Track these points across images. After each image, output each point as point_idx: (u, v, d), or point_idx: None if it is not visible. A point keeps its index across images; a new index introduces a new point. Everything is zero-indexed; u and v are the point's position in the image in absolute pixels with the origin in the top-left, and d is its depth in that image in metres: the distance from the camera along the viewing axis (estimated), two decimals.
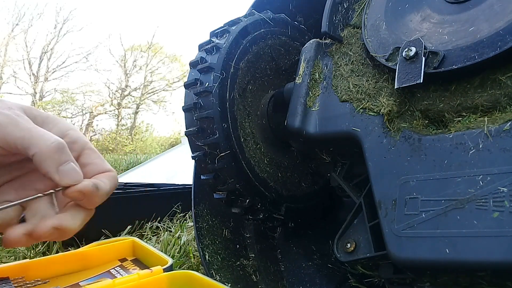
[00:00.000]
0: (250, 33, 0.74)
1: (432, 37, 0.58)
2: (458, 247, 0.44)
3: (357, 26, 0.73)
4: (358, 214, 0.63)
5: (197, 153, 0.69)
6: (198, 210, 0.87)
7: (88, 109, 14.53)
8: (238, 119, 0.71)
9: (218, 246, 0.84)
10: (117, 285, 0.59)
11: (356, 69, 0.67)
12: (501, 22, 0.51)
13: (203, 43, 0.74)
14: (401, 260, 0.49)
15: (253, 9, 0.83)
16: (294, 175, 0.79)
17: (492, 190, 0.44)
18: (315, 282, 0.81)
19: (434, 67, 0.54)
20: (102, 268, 0.77)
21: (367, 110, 0.61)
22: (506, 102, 0.50)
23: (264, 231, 0.91)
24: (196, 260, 1.01)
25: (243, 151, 0.70)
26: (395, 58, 0.59)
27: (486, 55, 0.50)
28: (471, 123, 0.51)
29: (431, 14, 0.60)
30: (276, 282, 0.83)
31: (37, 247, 1.15)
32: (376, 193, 0.55)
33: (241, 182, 0.68)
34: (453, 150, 0.50)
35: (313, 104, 0.68)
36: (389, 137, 0.57)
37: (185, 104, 0.71)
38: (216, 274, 0.77)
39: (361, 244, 0.60)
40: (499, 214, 0.43)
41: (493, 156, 0.46)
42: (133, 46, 15.04)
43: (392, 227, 0.51)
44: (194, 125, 0.69)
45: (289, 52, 0.82)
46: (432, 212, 0.48)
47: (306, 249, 0.88)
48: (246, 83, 0.74)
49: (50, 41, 14.00)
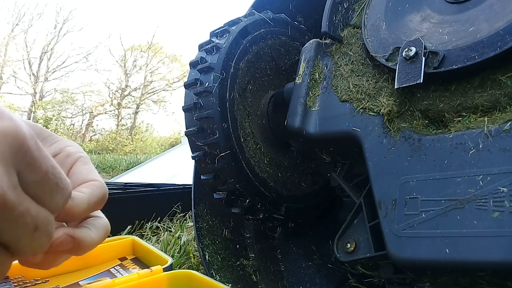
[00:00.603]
0: (250, 33, 0.74)
1: (432, 37, 0.58)
2: (458, 247, 0.44)
3: (357, 26, 0.73)
4: (358, 214, 0.63)
5: (197, 153, 0.69)
6: (198, 210, 0.87)
7: (88, 109, 14.55)
8: (238, 119, 0.71)
9: (218, 246, 0.84)
10: (117, 284, 0.59)
11: (356, 69, 0.67)
12: (501, 22, 0.51)
13: (203, 43, 0.74)
14: (401, 260, 0.49)
15: (253, 9, 0.83)
16: (294, 175, 0.79)
17: (492, 190, 0.44)
18: (315, 282, 0.81)
19: (434, 67, 0.54)
20: (102, 267, 0.77)
21: (367, 110, 0.61)
22: (506, 102, 0.50)
23: (264, 231, 0.91)
24: (196, 260, 1.01)
25: (243, 151, 0.70)
26: (395, 58, 0.59)
27: (486, 55, 0.50)
28: (471, 123, 0.51)
29: (431, 14, 0.60)
30: (276, 282, 0.83)
31: None
32: (376, 193, 0.55)
33: (241, 182, 0.68)
34: (453, 150, 0.50)
35: (313, 104, 0.68)
36: (389, 137, 0.57)
37: (185, 104, 0.71)
38: (216, 274, 0.77)
39: (361, 244, 0.60)
40: (499, 214, 0.43)
41: (493, 156, 0.46)
42: (133, 46, 15.05)
43: (392, 227, 0.51)
44: (194, 125, 0.69)
45: (289, 52, 0.82)
46: (432, 212, 0.48)
47: (306, 249, 0.88)
48: (246, 83, 0.74)
49: (50, 41, 14.01)
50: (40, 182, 0.23)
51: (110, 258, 0.81)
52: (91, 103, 14.77)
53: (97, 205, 0.30)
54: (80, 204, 0.28)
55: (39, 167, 0.23)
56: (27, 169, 0.22)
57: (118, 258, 0.82)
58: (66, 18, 14.30)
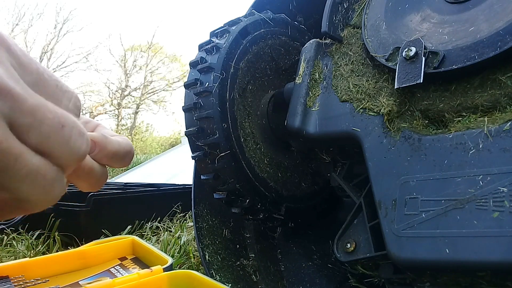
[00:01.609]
0: (250, 33, 0.74)
1: (432, 37, 0.58)
2: (458, 247, 0.44)
3: (357, 26, 0.73)
4: (358, 214, 0.63)
5: (197, 153, 0.69)
6: (198, 210, 0.87)
7: (88, 109, 14.54)
8: (238, 119, 0.71)
9: (218, 246, 0.84)
10: (117, 284, 0.59)
11: (356, 69, 0.67)
12: (501, 22, 0.51)
13: (203, 43, 0.74)
14: (401, 260, 0.49)
15: (253, 9, 0.83)
16: (294, 175, 0.79)
17: (492, 190, 0.44)
18: (315, 282, 0.81)
19: (434, 67, 0.54)
20: (102, 267, 0.77)
21: (367, 110, 0.61)
22: (506, 102, 0.50)
23: (264, 231, 0.91)
24: (196, 260, 1.01)
25: (243, 151, 0.70)
26: (395, 58, 0.59)
27: (486, 55, 0.50)
28: (471, 123, 0.51)
29: (431, 14, 0.60)
30: (276, 282, 0.83)
31: (37, 247, 1.15)
32: (376, 193, 0.55)
33: (241, 182, 0.68)
34: (453, 150, 0.50)
35: (313, 104, 0.68)
36: (389, 137, 0.57)
37: (185, 104, 0.71)
38: (216, 274, 0.77)
39: (361, 244, 0.60)
40: (499, 214, 0.43)
41: (493, 156, 0.46)
42: (133, 46, 15.04)
43: (392, 227, 0.51)
44: (194, 125, 0.69)
45: (289, 52, 0.82)
46: (432, 212, 0.48)
47: (306, 249, 0.88)
48: (246, 83, 0.74)
49: (50, 41, 14.00)
50: (37, 82, 0.22)
51: (110, 258, 0.81)
52: (91, 103, 14.77)
53: (127, 154, 0.30)
54: (114, 142, 0.29)
55: (29, 65, 0.22)
56: (21, 68, 0.21)
57: (118, 258, 0.82)
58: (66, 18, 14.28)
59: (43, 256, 0.75)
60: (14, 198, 0.21)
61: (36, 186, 0.21)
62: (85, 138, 0.23)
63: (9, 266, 0.69)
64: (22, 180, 0.20)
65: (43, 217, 1.25)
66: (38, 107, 0.20)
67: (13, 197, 0.21)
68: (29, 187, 0.20)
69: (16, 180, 0.20)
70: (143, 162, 4.06)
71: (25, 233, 1.26)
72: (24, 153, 0.19)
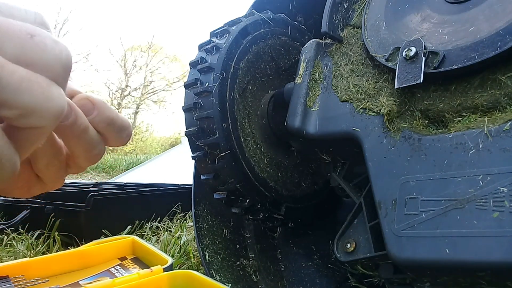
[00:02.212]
0: (250, 33, 0.74)
1: (432, 37, 0.58)
2: (458, 247, 0.44)
3: (357, 26, 0.73)
4: (358, 214, 0.63)
5: (197, 153, 0.69)
6: (198, 210, 0.87)
7: None
8: (238, 119, 0.71)
9: (218, 246, 0.84)
10: (117, 284, 0.59)
11: (356, 69, 0.67)
12: (501, 22, 0.51)
13: (203, 43, 0.74)
14: (401, 260, 0.49)
15: (253, 9, 0.83)
16: (294, 175, 0.79)
17: (492, 190, 0.44)
18: (315, 282, 0.81)
19: (434, 67, 0.54)
20: (102, 267, 0.77)
21: (367, 110, 0.61)
22: (506, 102, 0.50)
23: (264, 231, 0.91)
24: (196, 260, 1.01)
25: (243, 151, 0.70)
26: (395, 58, 0.59)
27: (486, 55, 0.50)
28: (471, 123, 0.51)
29: (431, 14, 0.60)
30: (276, 282, 0.84)
31: (37, 247, 1.15)
32: (376, 193, 0.55)
33: (241, 182, 0.68)
34: (453, 150, 0.50)
35: (313, 104, 0.68)
36: (389, 137, 0.57)
37: (185, 104, 0.71)
38: (216, 274, 0.77)
39: (361, 244, 0.60)
40: (499, 214, 0.43)
41: (493, 156, 0.46)
42: (133, 46, 15.05)
43: (392, 227, 0.51)
44: (194, 125, 0.69)
45: (289, 52, 0.82)
46: (432, 212, 0.48)
47: (306, 249, 0.88)
48: (246, 83, 0.74)
49: None
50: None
51: (110, 258, 0.81)
52: None
53: (124, 127, 0.29)
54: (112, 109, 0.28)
55: None
56: None
57: (118, 258, 0.82)
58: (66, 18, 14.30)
59: (43, 256, 0.75)
60: (19, 114, 0.21)
61: (34, 93, 0.21)
62: (62, 45, 0.23)
63: (9, 266, 0.69)
64: (17, 88, 0.20)
65: (43, 217, 1.25)
66: (1, 23, 0.20)
67: (19, 114, 0.21)
68: (29, 96, 0.20)
69: (12, 90, 0.20)
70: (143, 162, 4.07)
71: (25, 233, 1.27)
72: (7, 63, 0.20)
